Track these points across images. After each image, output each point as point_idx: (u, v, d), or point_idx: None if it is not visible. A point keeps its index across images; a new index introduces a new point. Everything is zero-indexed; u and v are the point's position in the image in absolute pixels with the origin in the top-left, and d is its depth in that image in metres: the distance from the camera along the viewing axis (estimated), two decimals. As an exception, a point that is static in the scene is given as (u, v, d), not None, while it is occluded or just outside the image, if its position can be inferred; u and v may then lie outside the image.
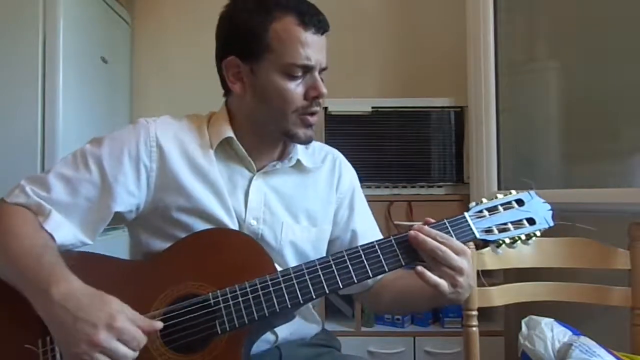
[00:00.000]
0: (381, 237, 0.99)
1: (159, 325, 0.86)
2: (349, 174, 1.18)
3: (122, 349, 0.79)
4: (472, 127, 1.97)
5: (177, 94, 2.33)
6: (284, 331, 1.04)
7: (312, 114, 1.02)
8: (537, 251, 1.28)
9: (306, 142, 1.04)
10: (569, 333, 1.15)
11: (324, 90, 1.00)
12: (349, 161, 1.22)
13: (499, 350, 1.83)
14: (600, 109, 1.73)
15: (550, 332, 1.15)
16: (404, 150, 2.04)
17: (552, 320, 1.19)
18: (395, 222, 1.96)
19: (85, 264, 0.86)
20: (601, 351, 1.09)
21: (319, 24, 0.99)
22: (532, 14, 2.02)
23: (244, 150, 1.04)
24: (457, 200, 2.00)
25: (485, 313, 1.42)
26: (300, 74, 0.98)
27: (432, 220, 0.97)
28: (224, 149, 1.05)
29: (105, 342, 0.78)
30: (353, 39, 2.29)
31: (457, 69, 2.08)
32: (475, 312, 1.26)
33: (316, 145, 1.16)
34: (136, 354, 0.81)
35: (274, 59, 0.97)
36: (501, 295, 1.29)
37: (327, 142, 1.22)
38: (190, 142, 1.04)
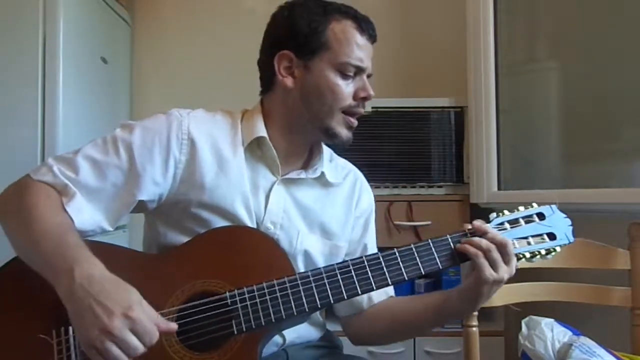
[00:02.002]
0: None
1: (174, 327, 0.85)
2: (368, 194, 1.19)
3: (134, 340, 0.78)
4: (472, 127, 1.97)
5: (177, 94, 2.33)
6: (291, 334, 1.04)
7: (356, 114, 1.06)
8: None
9: (346, 142, 1.07)
10: (569, 333, 1.16)
11: (372, 92, 1.05)
12: (349, 161, 1.22)
13: (499, 350, 1.83)
14: (600, 109, 1.73)
15: (550, 332, 1.15)
16: (404, 150, 2.04)
17: (552, 320, 1.19)
18: (395, 223, 1.96)
19: (100, 254, 0.85)
20: (601, 351, 1.09)
21: (371, 32, 1.06)
22: (532, 14, 2.02)
23: (274, 152, 1.04)
24: (457, 200, 2.00)
25: (485, 313, 1.42)
26: (352, 73, 1.03)
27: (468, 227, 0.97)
28: (252, 149, 1.05)
29: (118, 330, 0.77)
30: (353, 39, 2.28)
31: (457, 69, 2.08)
32: (475, 312, 1.26)
33: (340, 161, 1.18)
34: (145, 348, 0.79)
35: (330, 57, 1.02)
36: (501, 295, 1.29)
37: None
38: (223, 138, 1.04)
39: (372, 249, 1.17)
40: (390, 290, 1.14)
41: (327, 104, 1.02)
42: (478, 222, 0.96)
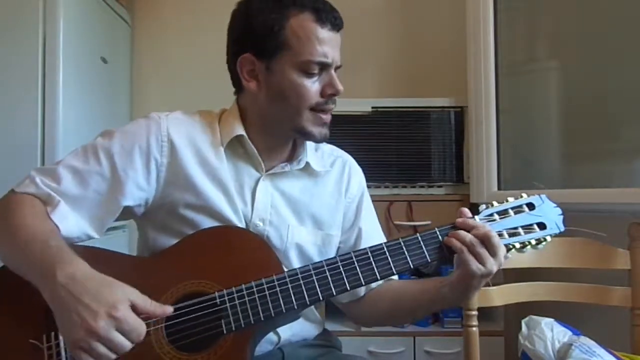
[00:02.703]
0: (384, 240, 0.98)
1: (169, 310, 0.85)
2: (358, 177, 1.18)
3: (120, 339, 0.78)
4: (472, 127, 1.97)
5: (177, 94, 2.33)
6: (286, 332, 1.04)
7: (327, 111, 1.02)
8: (537, 251, 1.28)
9: (321, 140, 1.05)
10: (569, 333, 1.15)
11: (340, 87, 1.01)
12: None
13: (499, 350, 1.83)
14: (600, 109, 1.73)
15: (550, 332, 1.15)
16: (404, 150, 2.04)
17: (552, 320, 1.18)
18: (395, 223, 1.96)
19: (89, 258, 0.85)
20: (601, 351, 1.09)
21: (334, 20, 0.99)
22: (532, 14, 2.02)
23: (254, 149, 1.04)
24: (457, 200, 2.00)
25: (485, 313, 1.42)
26: (316, 71, 0.99)
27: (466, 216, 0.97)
28: (234, 147, 1.05)
29: (103, 330, 0.76)
30: (353, 38, 2.28)
31: (457, 69, 2.08)
32: (475, 312, 1.26)
33: (326, 148, 1.16)
34: (132, 345, 0.79)
35: (290, 56, 0.98)
36: (501, 295, 1.29)
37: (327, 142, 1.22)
38: (202, 138, 1.03)
39: (371, 232, 1.15)
40: None
41: (293, 105, 1.00)
42: (460, 219, 0.95)
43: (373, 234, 1.14)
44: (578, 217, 1.05)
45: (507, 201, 0.99)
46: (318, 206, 1.10)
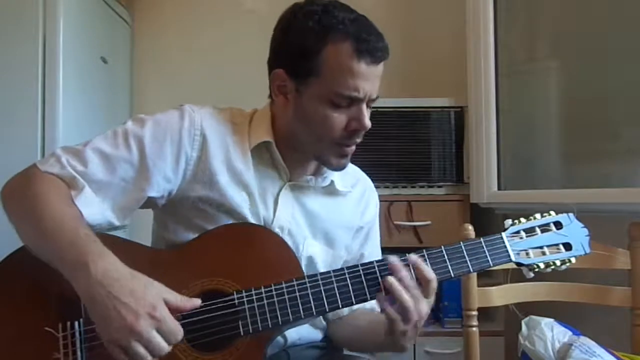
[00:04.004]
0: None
1: (197, 302, 0.84)
2: (374, 202, 1.17)
3: (160, 340, 0.77)
4: (472, 127, 1.97)
5: (177, 94, 2.32)
6: (293, 336, 1.04)
7: (350, 145, 0.99)
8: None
9: (337, 169, 1.03)
10: (569, 333, 1.15)
11: (368, 123, 0.96)
12: (350, 162, 1.21)
13: (499, 350, 1.83)
14: (600, 109, 1.73)
15: (550, 332, 1.15)
16: (404, 150, 2.04)
17: (552, 320, 1.19)
18: (395, 223, 1.96)
19: (110, 247, 0.83)
20: (601, 351, 1.09)
21: (376, 52, 0.93)
22: (533, 13, 2.02)
23: (280, 158, 1.02)
24: (457, 200, 2.00)
25: (485, 313, 1.42)
26: (345, 104, 0.94)
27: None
28: (260, 152, 1.02)
29: (145, 331, 0.76)
30: (353, 39, 2.28)
31: (457, 69, 2.08)
32: (475, 312, 1.26)
33: (349, 168, 1.11)
34: (170, 348, 0.79)
35: (320, 84, 0.94)
36: (501, 295, 1.29)
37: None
38: (231, 139, 1.01)
39: (373, 257, 1.11)
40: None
41: (316, 134, 0.97)
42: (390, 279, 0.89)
43: (372, 257, 1.11)
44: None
45: (534, 218, 0.97)
46: (334, 225, 1.08)
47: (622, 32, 1.65)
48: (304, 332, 1.06)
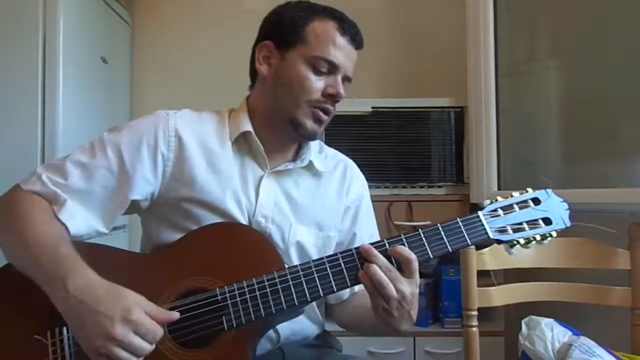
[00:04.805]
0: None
1: (176, 315, 0.86)
2: (359, 182, 1.19)
3: (139, 341, 0.80)
4: (472, 127, 1.97)
5: (177, 94, 2.32)
6: (285, 330, 1.04)
7: (324, 110, 1.05)
8: (537, 251, 1.28)
9: (311, 134, 1.06)
10: (569, 333, 1.15)
11: (342, 91, 1.04)
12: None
13: (499, 350, 1.83)
14: (600, 109, 1.73)
15: (550, 332, 1.15)
16: (404, 151, 2.04)
17: (552, 320, 1.19)
18: (395, 223, 1.96)
19: (93, 256, 0.86)
20: (601, 351, 1.09)
21: (355, 36, 1.06)
22: (532, 13, 2.02)
23: (260, 146, 1.05)
24: (457, 200, 2.00)
25: (485, 313, 1.42)
26: (324, 69, 1.03)
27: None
28: (240, 144, 1.06)
29: (122, 335, 0.78)
30: (353, 39, 2.28)
31: (457, 69, 2.07)
32: (475, 312, 1.26)
33: (330, 152, 1.19)
34: (153, 346, 0.81)
35: (304, 50, 1.03)
36: (501, 295, 1.29)
37: (326, 143, 1.22)
38: (209, 134, 1.05)
39: (366, 238, 1.13)
40: None
41: (293, 94, 1.03)
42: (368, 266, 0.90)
43: (367, 240, 1.12)
44: (578, 217, 1.05)
45: (511, 196, 0.98)
46: (320, 208, 1.10)
47: (622, 32, 1.65)
48: (297, 327, 1.06)
